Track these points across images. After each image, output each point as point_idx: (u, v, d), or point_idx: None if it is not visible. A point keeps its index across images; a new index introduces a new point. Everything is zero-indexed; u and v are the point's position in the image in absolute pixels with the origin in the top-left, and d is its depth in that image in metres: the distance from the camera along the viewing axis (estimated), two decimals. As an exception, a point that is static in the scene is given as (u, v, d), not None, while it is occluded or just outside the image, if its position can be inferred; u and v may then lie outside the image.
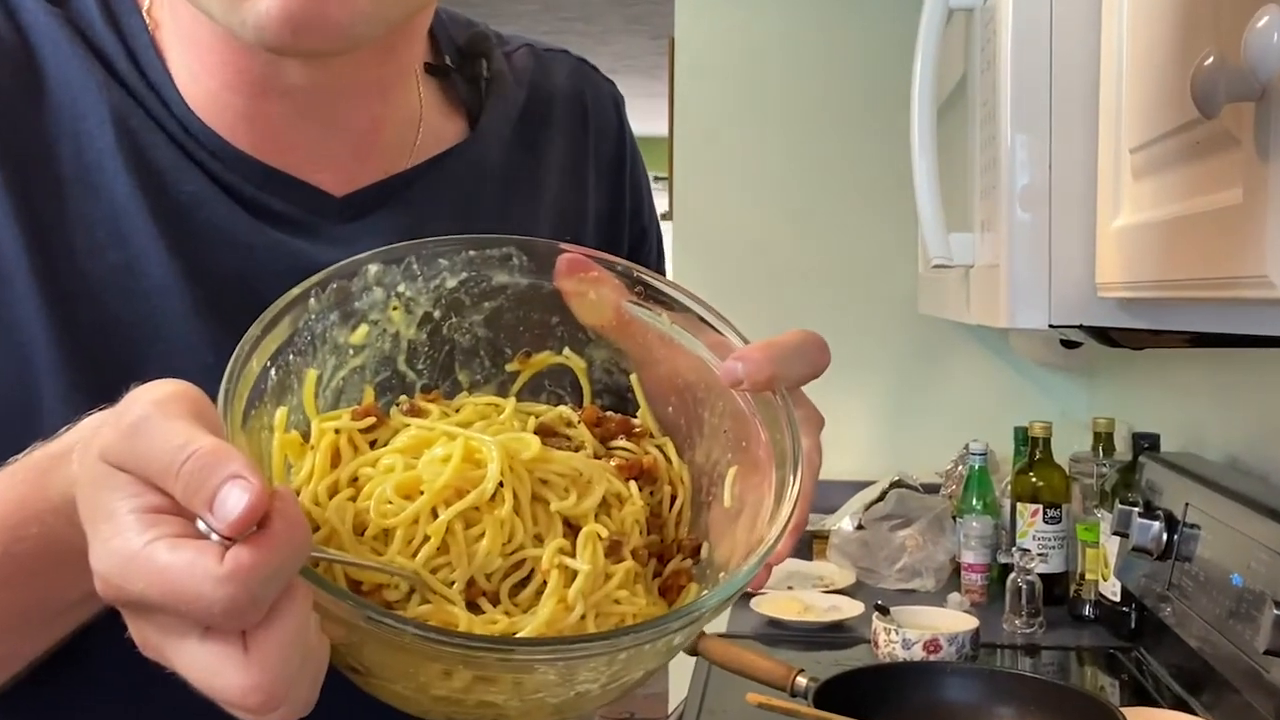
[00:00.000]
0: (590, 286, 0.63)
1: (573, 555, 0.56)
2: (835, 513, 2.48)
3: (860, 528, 2.35)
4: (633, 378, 0.64)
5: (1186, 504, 1.61)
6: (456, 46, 0.83)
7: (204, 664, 0.43)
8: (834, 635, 1.93)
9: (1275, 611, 1.14)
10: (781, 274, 2.78)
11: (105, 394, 0.51)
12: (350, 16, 0.62)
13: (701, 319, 0.64)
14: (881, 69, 2.68)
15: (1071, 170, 1.16)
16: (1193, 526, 1.57)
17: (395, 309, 0.61)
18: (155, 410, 0.45)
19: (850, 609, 1.99)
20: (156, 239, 0.67)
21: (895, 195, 2.69)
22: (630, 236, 0.90)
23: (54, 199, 0.66)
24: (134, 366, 0.62)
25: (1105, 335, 1.21)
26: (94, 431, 0.48)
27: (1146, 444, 1.93)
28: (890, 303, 2.72)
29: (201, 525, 0.42)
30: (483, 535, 0.54)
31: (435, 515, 0.54)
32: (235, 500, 0.41)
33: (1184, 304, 0.94)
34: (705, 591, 0.58)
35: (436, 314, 0.62)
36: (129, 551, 0.43)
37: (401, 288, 0.61)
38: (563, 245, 0.64)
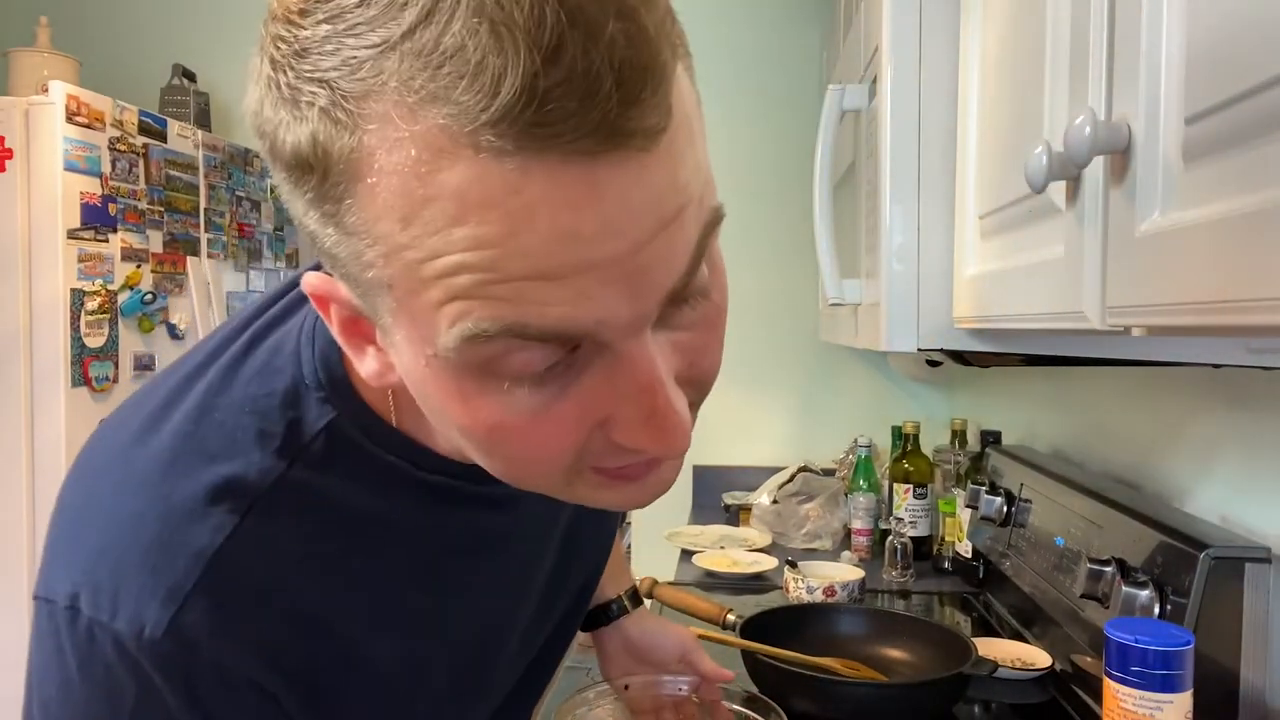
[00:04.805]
0: None
1: None
2: (756, 491, 2.48)
3: (775, 502, 2.35)
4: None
5: (1022, 484, 1.61)
6: None
7: None
8: (756, 583, 1.93)
9: (1088, 565, 1.14)
10: (717, 309, 2.77)
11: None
12: None
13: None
14: (792, 155, 2.69)
15: (934, 232, 1.16)
16: (1026, 501, 1.58)
17: None
18: None
19: (768, 563, 1.99)
20: (415, 510, 0.69)
21: (803, 251, 2.70)
22: None
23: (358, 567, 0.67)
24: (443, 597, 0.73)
25: (960, 356, 1.21)
26: None
27: (992, 439, 1.94)
28: (799, 332, 2.72)
29: None
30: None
31: None
32: None
33: (1020, 333, 0.94)
34: None
35: None
36: None
37: None
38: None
